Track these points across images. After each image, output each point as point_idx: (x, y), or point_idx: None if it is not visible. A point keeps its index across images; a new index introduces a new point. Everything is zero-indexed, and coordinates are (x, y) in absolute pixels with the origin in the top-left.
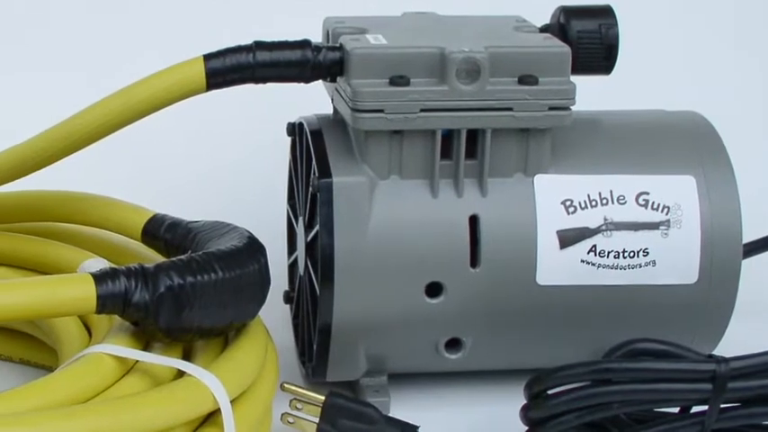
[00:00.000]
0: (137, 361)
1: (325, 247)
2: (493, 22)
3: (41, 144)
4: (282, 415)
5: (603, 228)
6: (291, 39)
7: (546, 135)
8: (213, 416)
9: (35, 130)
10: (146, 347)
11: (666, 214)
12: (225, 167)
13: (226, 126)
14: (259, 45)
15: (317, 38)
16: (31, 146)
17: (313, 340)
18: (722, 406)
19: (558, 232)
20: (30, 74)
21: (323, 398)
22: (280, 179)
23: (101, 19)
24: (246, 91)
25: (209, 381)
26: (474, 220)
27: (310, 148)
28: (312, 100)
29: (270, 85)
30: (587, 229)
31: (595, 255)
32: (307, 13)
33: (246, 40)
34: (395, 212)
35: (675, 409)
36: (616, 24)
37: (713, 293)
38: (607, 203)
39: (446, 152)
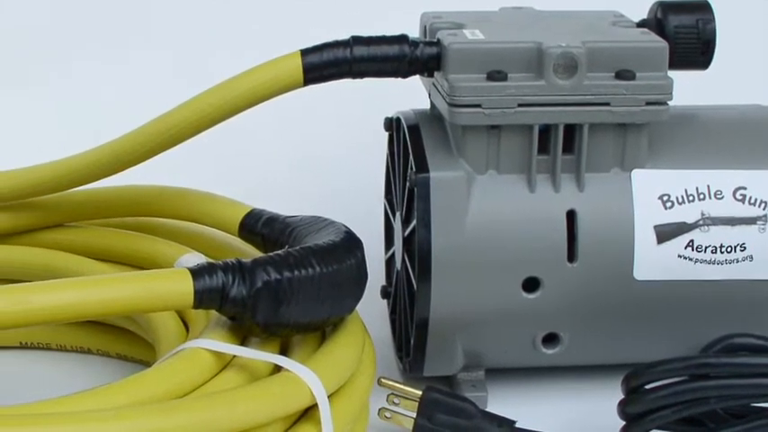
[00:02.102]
0: (234, 356)
1: (423, 242)
2: (590, 17)
3: (139, 139)
4: (379, 410)
5: (701, 223)
6: (389, 34)
7: (643, 130)
8: (310, 411)
9: (133, 124)
10: (243, 342)
11: (764, 209)
12: (322, 162)
13: (323, 121)
14: (356, 40)
15: (414, 33)
16: (130, 141)
17: (410, 335)
18: None
19: (655, 227)
20: (129, 68)
21: (420, 393)
22: (377, 174)
23: (199, 14)
24: (344, 86)
25: (306, 376)
26: (571, 215)
27: (407, 143)
28: (409, 95)
29: (367, 79)
30: (685, 223)
31: (693, 250)
32: (404, 9)
33: (343, 35)
34: (492, 207)
35: None
36: (713, 19)
37: None
38: (704, 198)
39: (543, 147)
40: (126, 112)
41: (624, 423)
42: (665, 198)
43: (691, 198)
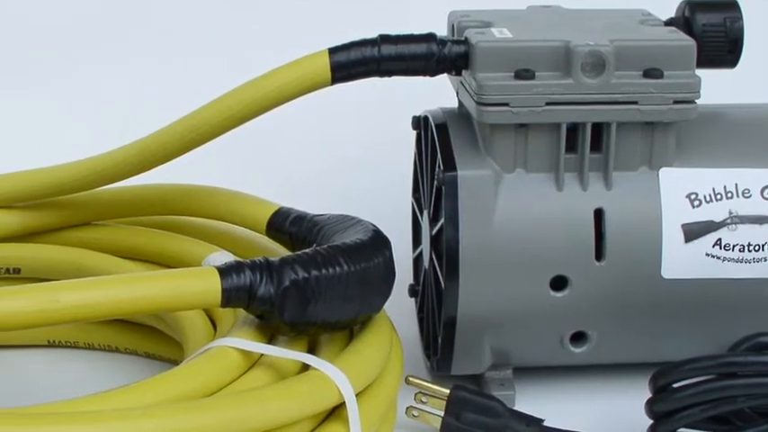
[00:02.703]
0: (262, 354)
1: (450, 241)
2: (618, 16)
3: (167, 137)
4: (407, 408)
5: (728, 221)
6: (416, 32)
7: (671, 128)
8: (338, 409)
9: (161, 123)
10: (270, 341)
11: None
12: (350, 161)
13: (351, 120)
14: (384, 38)
15: (441, 31)
16: (157, 139)
17: (438, 334)
18: None
19: (683, 226)
20: (158, 67)
21: (448, 391)
22: (405, 173)
23: (228, 12)
24: (372, 85)
25: (334, 374)
26: (599, 214)
27: (435, 142)
28: (437, 93)
29: (394, 78)
30: (712, 222)
31: (720, 248)
32: (432, 7)
33: (371, 33)
34: (520, 206)
35: None
36: (741, 18)
37: None
38: (732, 197)
39: (571, 146)
40: (153, 111)
41: (652, 421)
42: (693, 197)
43: (718, 197)
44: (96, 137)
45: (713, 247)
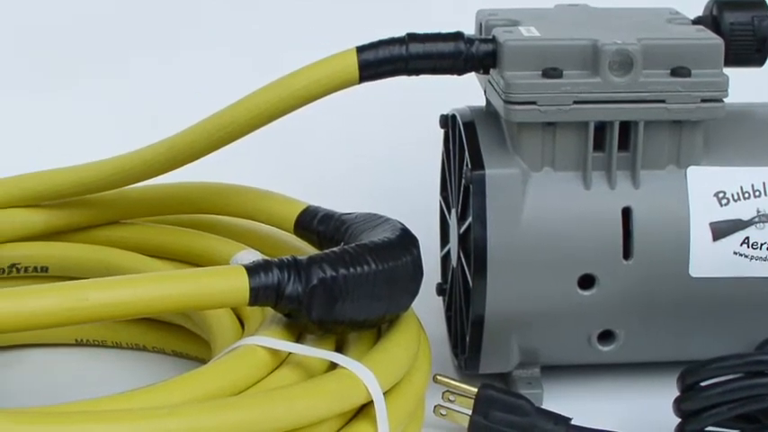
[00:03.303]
0: (289, 353)
1: (478, 240)
2: (645, 14)
3: (195, 136)
4: (435, 407)
5: (756, 220)
6: (444, 31)
7: (698, 127)
8: (366, 408)
9: (189, 122)
10: (298, 339)
11: None
12: (378, 159)
13: (378, 118)
14: (412, 37)
15: (469, 30)
16: (185, 138)
17: (466, 332)
18: None
19: (710, 224)
20: (185, 65)
21: (475, 390)
22: (433, 171)
23: (254, 11)
24: (399, 83)
25: (362, 373)
26: (627, 212)
27: (463, 140)
28: (465, 92)
29: (422, 76)
30: (740, 221)
31: (748, 247)
32: (459, 6)
33: (399, 32)
34: (548, 204)
35: None
36: None
37: None
38: (760, 195)
39: (599, 144)
40: (182, 109)
41: (679, 420)
42: (721, 195)
43: (746, 195)
44: (124, 135)
45: (741, 245)
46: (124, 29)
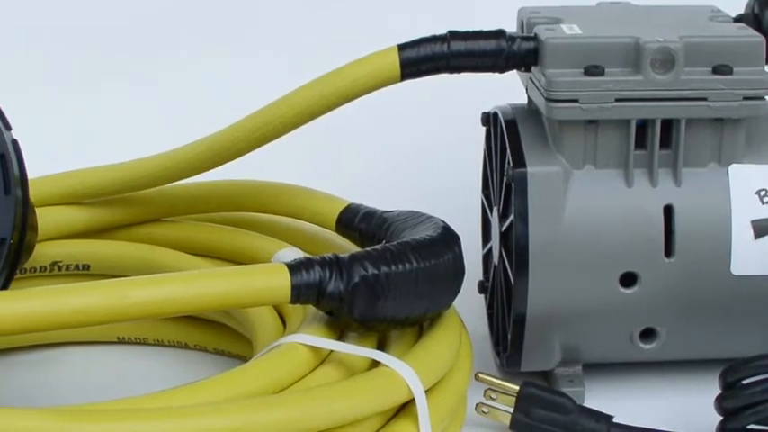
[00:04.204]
0: (331, 351)
1: (520, 238)
2: (687, 12)
3: (237, 134)
4: (477, 405)
5: None
6: (486, 29)
7: (740, 125)
8: (407, 406)
9: (230, 120)
10: (340, 337)
11: None
12: (420, 157)
13: (420, 116)
14: (453, 35)
15: (511, 28)
16: (227, 136)
17: (507, 330)
18: None
19: (752, 222)
20: (227, 63)
21: (517, 388)
22: (474, 169)
23: (295, 10)
24: (441, 81)
25: (403, 371)
26: (668, 210)
27: (505, 138)
28: (507, 90)
29: (464, 74)
30: None
31: None
32: (501, 4)
33: (440, 30)
34: (589, 202)
35: None
36: None
37: None
38: None
39: (640, 142)
40: (223, 108)
41: (722, 418)
42: (762, 193)
43: None
44: (166, 133)
45: None
46: (167, 27)
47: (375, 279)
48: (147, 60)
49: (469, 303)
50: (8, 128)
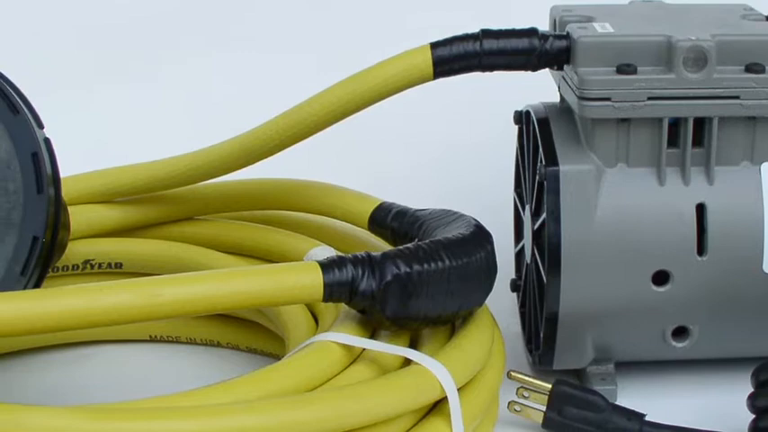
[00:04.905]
0: (364, 349)
1: (553, 236)
2: (719, 11)
3: (269, 132)
4: (509, 403)
5: None
6: (518, 27)
7: None
8: (440, 404)
9: (262, 118)
10: (372, 336)
11: None
12: (452, 156)
13: (452, 115)
14: (486, 33)
15: (543, 26)
16: (260, 134)
17: (540, 328)
18: None
19: None
20: (259, 61)
21: (550, 386)
22: (507, 167)
23: (327, 8)
24: (473, 79)
25: (436, 369)
26: (701, 209)
27: (537, 137)
28: (539, 88)
29: (496, 72)
30: None
31: None
32: (533, 2)
33: (472, 28)
34: (622, 200)
35: None
36: None
37: None
38: None
39: (673, 140)
40: (255, 106)
41: (754, 416)
42: None
43: None
44: (198, 131)
45: None
46: (200, 24)
47: (407, 277)
48: (177, 58)
49: (502, 302)
50: (40, 126)
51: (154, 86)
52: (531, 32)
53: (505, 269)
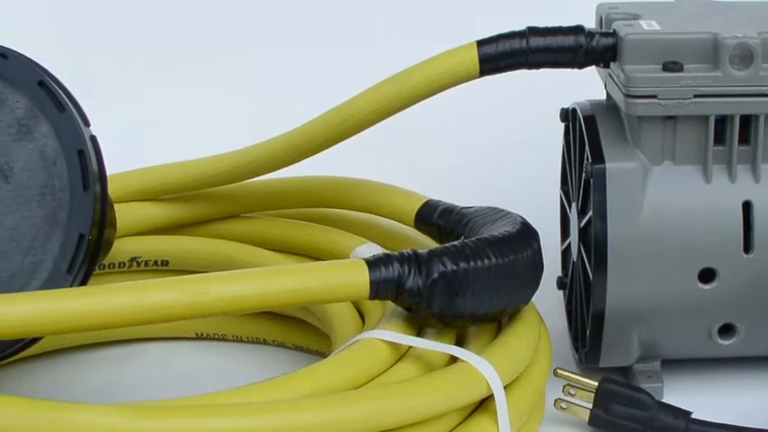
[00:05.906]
0: (410, 347)
1: (599, 234)
2: (765, 8)
3: (316, 130)
4: (555, 401)
5: None
6: (564, 25)
7: None
8: (486, 402)
9: (309, 115)
10: (419, 333)
11: None
12: (498, 153)
13: (499, 112)
14: (532, 31)
15: (589, 24)
16: (306, 132)
17: (586, 326)
18: None
19: None
20: (305, 60)
21: (596, 383)
22: (553, 165)
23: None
24: (519, 77)
25: (482, 367)
26: (747, 206)
27: (583, 134)
28: (585, 85)
29: (542, 70)
30: None
31: None
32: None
33: (518, 25)
34: (668, 198)
35: None
36: None
37: None
38: None
39: (719, 138)
40: (302, 104)
41: None
42: None
43: None
44: (245, 129)
45: None
46: (247, 22)
47: (454, 275)
48: (224, 57)
49: (548, 299)
50: (87, 124)
51: (201, 84)
52: (578, 30)
53: (552, 267)
